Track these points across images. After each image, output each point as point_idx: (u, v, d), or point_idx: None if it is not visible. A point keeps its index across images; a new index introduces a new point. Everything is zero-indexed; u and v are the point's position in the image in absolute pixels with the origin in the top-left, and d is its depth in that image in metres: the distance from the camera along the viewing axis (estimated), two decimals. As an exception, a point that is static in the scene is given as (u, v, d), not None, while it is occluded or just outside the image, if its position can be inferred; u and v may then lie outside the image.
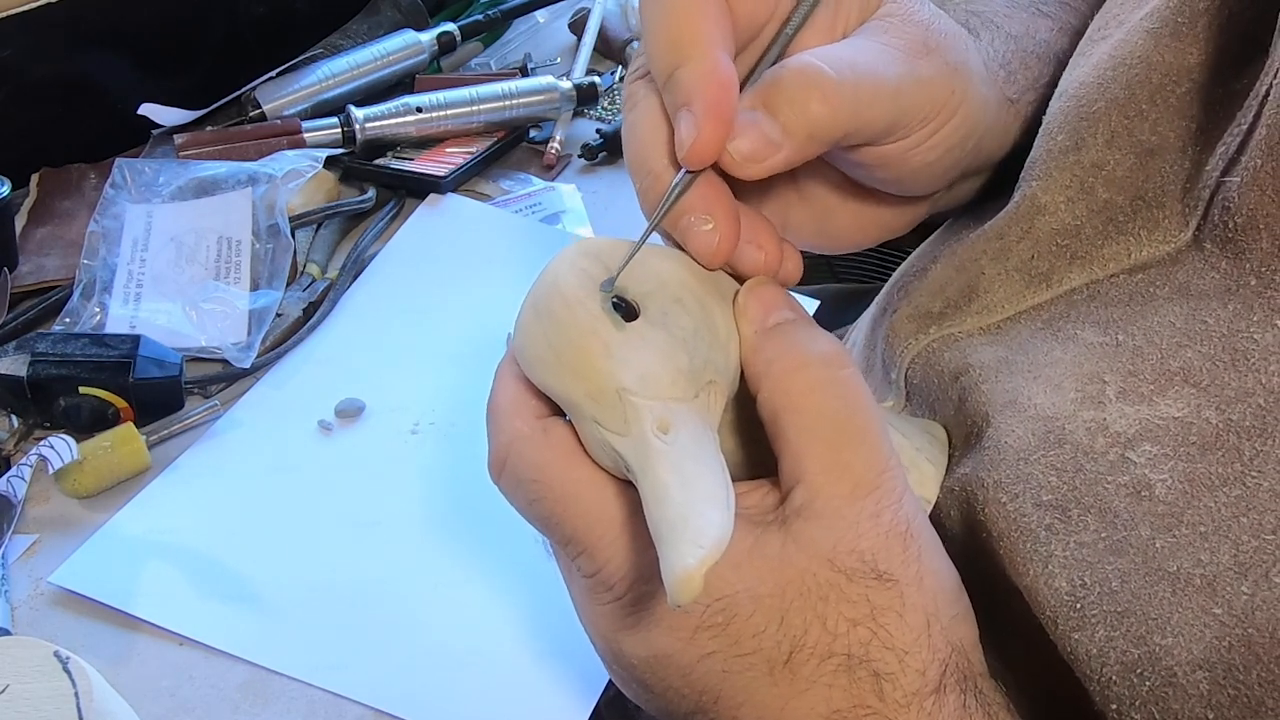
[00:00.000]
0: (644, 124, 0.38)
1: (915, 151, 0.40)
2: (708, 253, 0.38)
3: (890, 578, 0.36)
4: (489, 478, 0.39)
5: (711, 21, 0.36)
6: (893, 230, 0.46)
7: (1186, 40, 0.41)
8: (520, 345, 0.38)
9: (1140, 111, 0.42)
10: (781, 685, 0.36)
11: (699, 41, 0.36)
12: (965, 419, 0.42)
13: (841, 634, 0.35)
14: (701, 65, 0.36)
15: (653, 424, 0.35)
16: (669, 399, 0.35)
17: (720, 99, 0.35)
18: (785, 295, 0.39)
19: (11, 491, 0.60)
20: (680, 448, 0.35)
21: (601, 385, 0.35)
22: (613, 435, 0.35)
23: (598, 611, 0.38)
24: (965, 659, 0.37)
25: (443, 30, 0.95)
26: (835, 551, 0.35)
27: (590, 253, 0.38)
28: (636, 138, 0.39)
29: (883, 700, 0.35)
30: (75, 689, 0.45)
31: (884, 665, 0.35)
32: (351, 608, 0.58)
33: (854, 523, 0.36)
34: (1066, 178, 0.43)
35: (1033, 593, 0.37)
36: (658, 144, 0.38)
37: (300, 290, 0.76)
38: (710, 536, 0.32)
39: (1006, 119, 0.45)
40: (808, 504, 0.36)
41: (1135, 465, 0.36)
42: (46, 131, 0.85)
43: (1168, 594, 0.34)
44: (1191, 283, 0.39)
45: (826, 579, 0.35)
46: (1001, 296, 0.44)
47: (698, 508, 0.33)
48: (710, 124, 0.35)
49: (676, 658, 0.36)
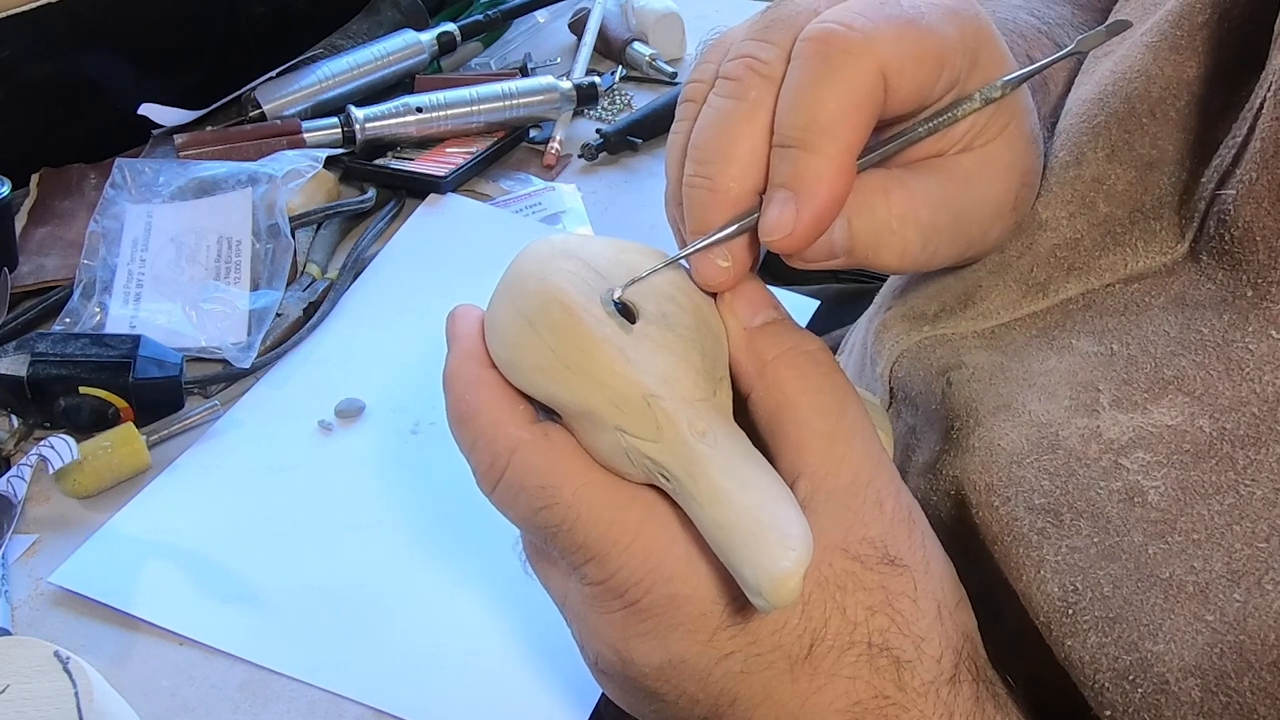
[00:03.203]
0: (737, 123, 0.36)
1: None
2: (712, 283, 0.38)
3: (901, 563, 0.36)
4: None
5: (864, 109, 0.35)
6: None
7: (1185, 53, 0.41)
8: (512, 358, 0.37)
9: (1140, 125, 0.42)
10: (801, 681, 0.36)
11: (844, 130, 0.35)
12: (948, 413, 0.42)
13: (861, 622, 0.35)
14: (834, 163, 0.35)
15: (688, 427, 0.34)
16: (695, 400, 0.35)
17: (830, 209, 0.35)
18: (768, 293, 0.40)
19: (11, 491, 0.60)
20: (725, 449, 0.34)
21: (624, 392, 0.35)
22: (644, 442, 0.35)
23: (605, 620, 0.37)
24: (975, 648, 0.37)
25: (443, 30, 0.95)
26: (847, 540, 0.36)
27: (569, 253, 0.38)
28: (721, 129, 0.36)
29: (902, 690, 0.35)
30: (75, 689, 0.45)
31: (903, 653, 0.35)
32: (351, 608, 0.58)
33: (859, 511, 0.36)
34: (1067, 193, 0.43)
35: (1026, 596, 0.37)
36: (741, 156, 0.36)
37: (300, 290, 0.76)
38: (797, 536, 0.32)
39: None
40: (813, 496, 0.36)
41: (1128, 472, 0.36)
42: (46, 131, 0.85)
43: (1160, 600, 0.34)
44: (1187, 293, 0.39)
45: (843, 567, 0.35)
46: (998, 304, 0.44)
47: (770, 509, 0.33)
48: (809, 228, 0.35)
49: (693, 661, 0.36)
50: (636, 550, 0.36)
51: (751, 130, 0.36)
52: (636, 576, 0.36)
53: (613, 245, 0.39)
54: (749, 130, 0.36)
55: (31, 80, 0.82)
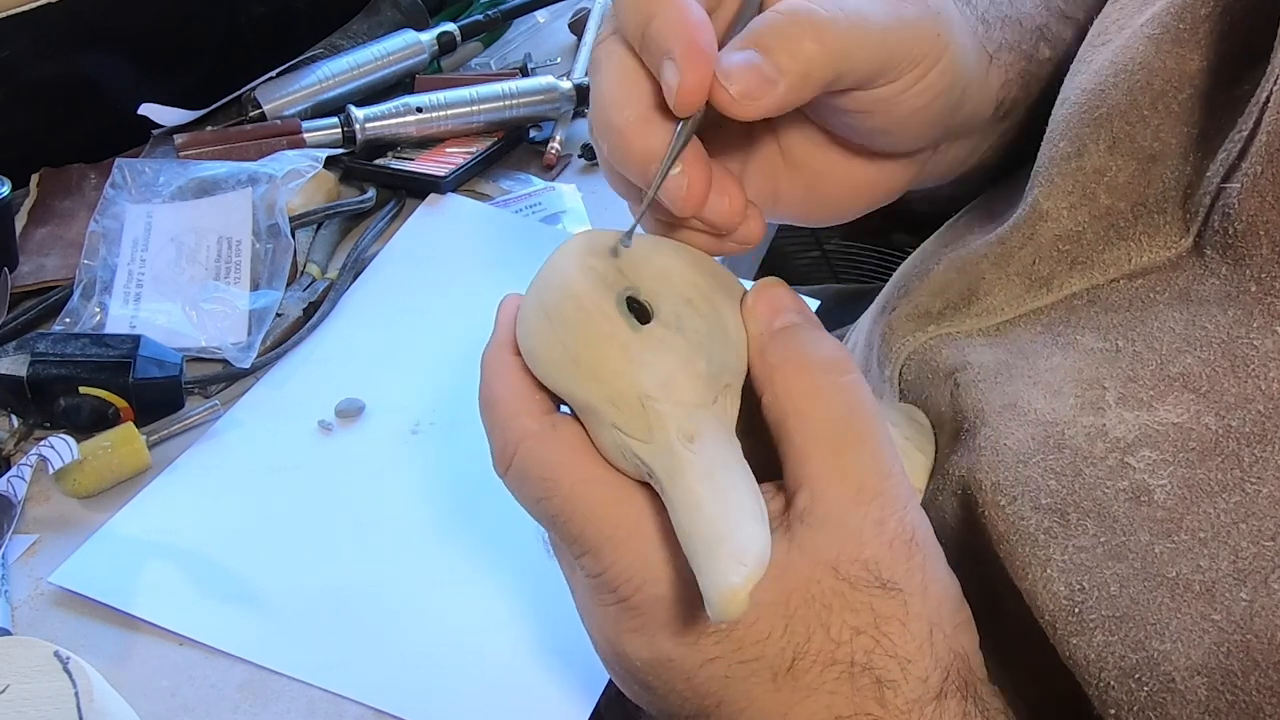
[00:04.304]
0: (609, 80, 0.38)
1: (904, 96, 0.39)
2: (679, 199, 0.37)
3: (894, 586, 0.36)
4: (490, 477, 0.39)
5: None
6: (881, 195, 0.46)
7: (1188, 46, 0.41)
8: (531, 348, 0.38)
9: (1142, 118, 0.42)
10: (784, 692, 0.36)
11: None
12: (956, 414, 0.42)
13: (845, 642, 0.35)
14: (673, 13, 0.36)
15: (677, 432, 0.35)
16: (692, 405, 0.35)
17: (696, 38, 0.35)
18: (793, 296, 0.39)
19: (11, 491, 0.60)
20: (708, 457, 0.34)
21: (622, 391, 0.35)
22: (635, 441, 0.35)
23: (601, 613, 0.38)
24: (967, 666, 0.37)
25: (443, 30, 0.95)
26: (839, 559, 0.35)
27: (596, 249, 0.38)
28: (602, 95, 0.38)
29: (884, 707, 0.35)
30: (75, 689, 0.45)
31: (886, 673, 0.35)
32: (351, 608, 0.58)
33: (857, 530, 0.36)
34: (1069, 184, 0.43)
35: (1032, 596, 0.37)
36: (624, 98, 0.37)
37: (300, 290, 0.76)
38: (752, 553, 0.32)
39: (986, 74, 0.45)
40: (811, 509, 0.36)
41: (1134, 470, 0.36)
42: (46, 131, 0.85)
43: (1166, 599, 0.34)
44: (1192, 289, 0.39)
45: (830, 587, 0.35)
46: (1002, 300, 0.44)
47: (735, 521, 0.33)
48: (692, 64, 0.35)
49: (680, 662, 0.36)
50: (630, 547, 0.36)
51: (618, 78, 0.38)
52: (628, 574, 0.36)
53: (648, 243, 0.39)
54: (616, 79, 0.38)
55: (31, 80, 0.81)
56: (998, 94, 0.46)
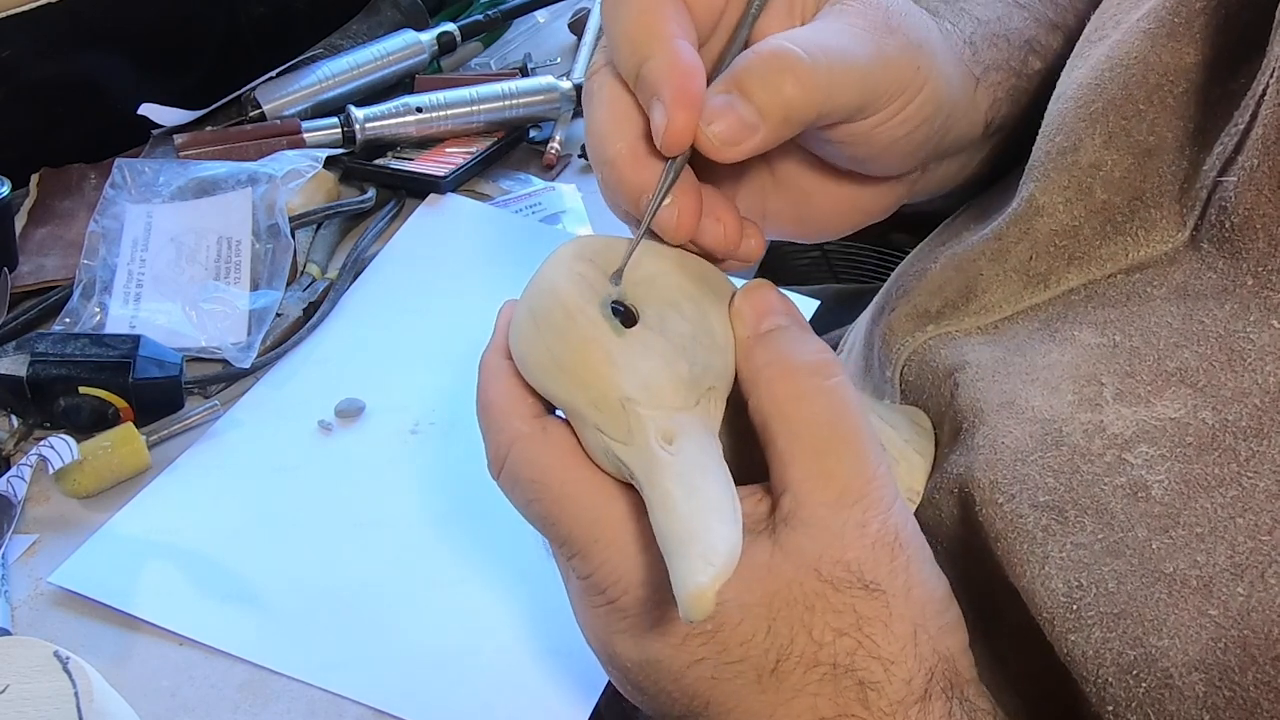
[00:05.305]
0: (601, 113, 0.39)
1: (884, 128, 0.40)
2: (670, 229, 0.38)
3: (877, 588, 0.36)
4: (488, 476, 0.39)
5: (670, 17, 0.37)
6: (870, 214, 0.46)
7: (1183, 40, 0.41)
8: (520, 352, 0.38)
9: (1138, 112, 0.42)
10: (769, 693, 0.36)
11: (660, 36, 0.36)
12: (956, 414, 0.42)
13: (827, 643, 0.35)
14: (665, 57, 0.36)
15: (656, 434, 0.35)
16: (672, 408, 0.36)
17: (686, 85, 0.36)
18: (781, 299, 0.40)
19: (11, 491, 0.60)
20: (685, 459, 0.35)
21: (604, 394, 0.36)
22: (616, 444, 0.36)
23: (592, 614, 0.38)
24: (952, 667, 0.37)
25: (443, 30, 0.95)
26: (821, 561, 0.35)
27: (585, 255, 0.38)
28: (595, 127, 0.39)
29: (868, 709, 0.35)
30: (75, 689, 0.45)
31: (869, 675, 0.35)
32: (351, 608, 0.58)
33: (839, 533, 0.36)
34: (1064, 179, 0.43)
35: (1029, 593, 0.37)
36: (615, 132, 0.38)
37: (300, 290, 0.76)
38: (721, 553, 0.32)
39: (973, 96, 0.45)
40: (794, 512, 0.36)
41: (1132, 467, 0.36)
42: (46, 131, 0.85)
43: (1164, 595, 0.34)
44: (1188, 283, 0.39)
45: (813, 589, 0.35)
46: (999, 297, 0.44)
47: (706, 521, 0.33)
48: (679, 110, 0.35)
49: (667, 663, 0.37)
50: (617, 549, 0.36)
51: (611, 113, 0.38)
52: (615, 575, 0.37)
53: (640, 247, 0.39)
54: (609, 114, 0.38)
55: (31, 80, 0.81)
56: (986, 114, 0.46)
